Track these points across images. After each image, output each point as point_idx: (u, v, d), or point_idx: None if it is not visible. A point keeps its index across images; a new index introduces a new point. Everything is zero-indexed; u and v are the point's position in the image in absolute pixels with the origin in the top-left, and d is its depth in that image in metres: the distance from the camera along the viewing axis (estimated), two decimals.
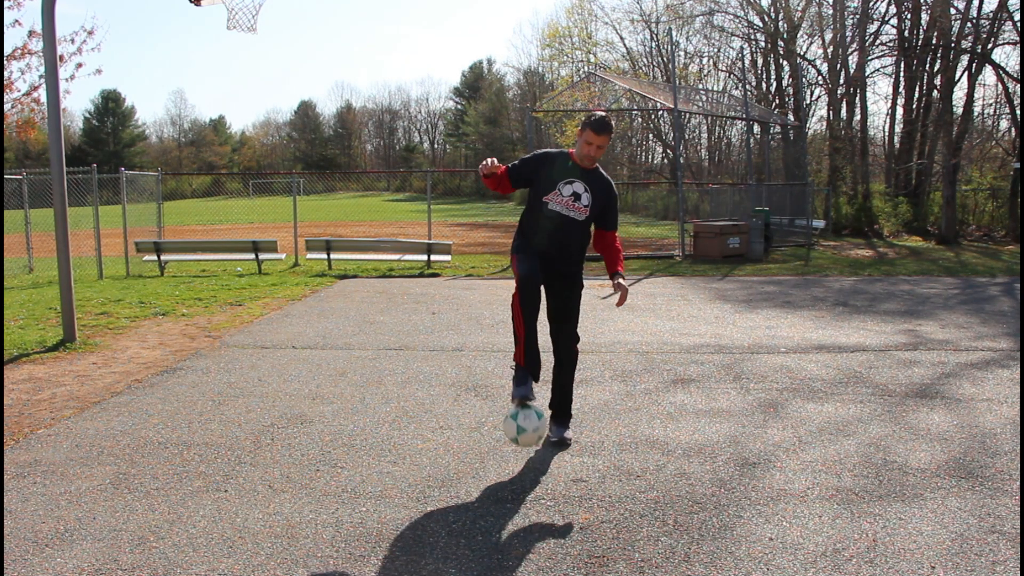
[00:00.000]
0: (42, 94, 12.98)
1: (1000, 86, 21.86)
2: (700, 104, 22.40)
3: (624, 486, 3.59)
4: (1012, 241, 18.48)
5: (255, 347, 6.80)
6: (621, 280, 4.02)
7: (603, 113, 3.99)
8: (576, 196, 3.97)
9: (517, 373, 3.92)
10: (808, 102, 26.89)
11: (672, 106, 16.57)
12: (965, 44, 19.97)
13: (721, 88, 31.10)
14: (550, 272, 4.03)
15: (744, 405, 4.88)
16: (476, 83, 75.65)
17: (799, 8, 25.38)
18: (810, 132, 26.14)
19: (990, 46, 20.43)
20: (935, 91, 21.69)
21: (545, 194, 3.98)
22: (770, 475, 3.71)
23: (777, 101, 27.48)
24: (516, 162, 4.06)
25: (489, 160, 3.88)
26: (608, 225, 4.11)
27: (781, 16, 25.90)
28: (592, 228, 4.15)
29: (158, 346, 6.91)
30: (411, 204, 51.25)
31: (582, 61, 37.23)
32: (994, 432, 4.31)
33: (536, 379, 3.95)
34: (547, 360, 4.20)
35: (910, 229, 21.14)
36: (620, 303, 3.98)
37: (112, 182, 15.38)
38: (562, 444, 4.17)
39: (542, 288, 3.97)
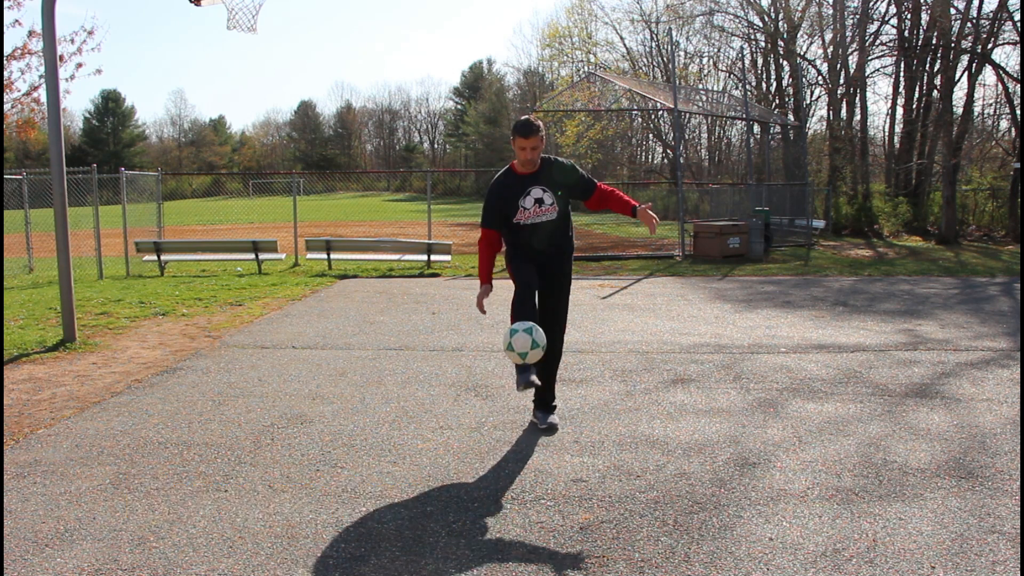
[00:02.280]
0: (42, 94, 12.98)
1: (1000, 86, 21.86)
2: (700, 104, 22.39)
3: (624, 486, 3.59)
4: (1012, 241, 18.47)
5: (255, 347, 6.80)
6: (644, 207, 4.15)
7: (527, 117, 4.07)
8: (539, 201, 4.12)
9: (519, 368, 4.09)
10: (808, 102, 26.89)
11: (672, 106, 16.57)
12: (965, 44, 19.96)
13: (721, 88, 31.10)
14: (545, 276, 4.25)
15: (744, 405, 4.88)
16: (476, 83, 75.66)
17: (799, 8, 25.39)
18: (810, 132, 26.15)
19: (990, 46, 20.42)
20: (935, 91, 21.68)
21: (514, 217, 4.15)
22: (770, 475, 3.71)
23: (777, 101, 27.48)
24: (486, 216, 4.17)
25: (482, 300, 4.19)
26: (589, 191, 4.22)
27: (781, 16, 25.90)
28: (569, 211, 4.30)
29: (158, 346, 6.91)
30: (411, 204, 51.26)
31: (582, 61, 37.24)
32: (994, 432, 4.31)
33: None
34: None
35: (910, 229, 21.14)
36: (653, 229, 4.17)
37: (112, 182, 15.39)
38: (551, 430, 4.29)
39: (536, 294, 4.19)
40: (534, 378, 3.95)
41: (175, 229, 23.77)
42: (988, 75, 23.78)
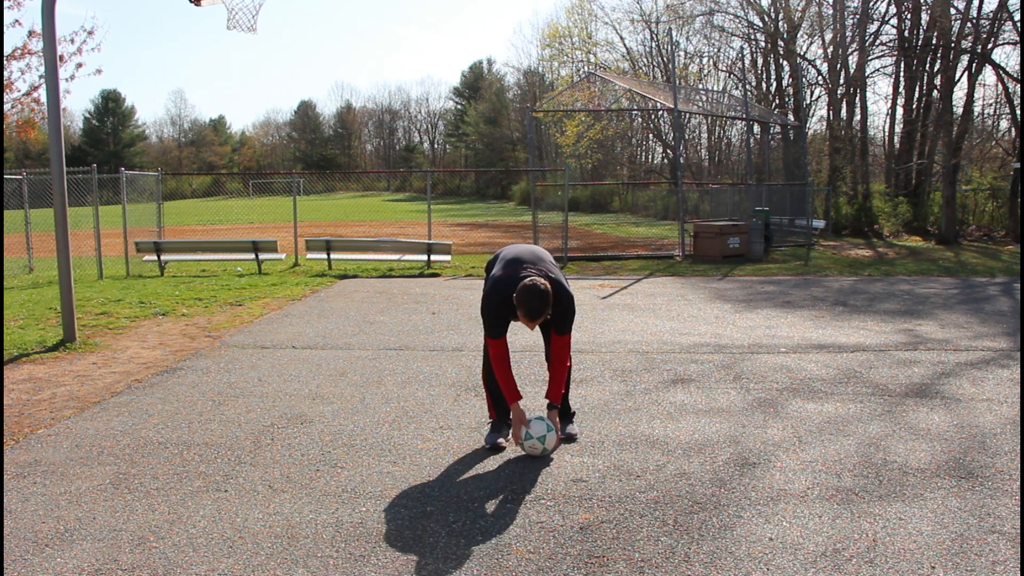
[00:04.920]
0: (42, 94, 12.99)
1: (1000, 86, 21.85)
2: (700, 104, 22.40)
3: (624, 486, 3.59)
4: (1012, 241, 18.47)
5: (255, 347, 6.80)
6: (553, 415, 3.97)
7: (541, 288, 3.67)
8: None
9: (492, 425, 4.19)
10: (808, 102, 26.89)
11: (672, 106, 16.57)
12: (965, 44, 19.95)
13: (721, 88, 31.12)
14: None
15: (744, 405, 4.88)
16: (476, 83, 75.63)
17: (799, 8, 25.39)
18: (810, 132, 26.14)
19: (990, 46, 20.41)
20: (935, 91, 21.67)
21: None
22: (770, 475, 3.71)
23: (777, 101, 27.48)
24: (492, 327, 3.92)
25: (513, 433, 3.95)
26: (558, 328, 3.93)
27: (781, 16, 25.90)
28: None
29: (158, 346, 6.91)
30: (411, 204, 51.27)
31: (582, 61, 37.29)
32: (994, 432, 4.31)
33: (509, 424, 4.15)
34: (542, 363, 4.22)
35: (910, 229, 21.13)
36: (554, 443, 3.95)
37: (112, 182, 15.38)
38: (570, 439, 4.21)
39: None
40: (501, 441, 4.11)
41: (175, 229, 23.78)
42: (988, 75, 23.82)
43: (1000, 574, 2.79)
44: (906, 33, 22.74)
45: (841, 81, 24.13)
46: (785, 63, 26.78)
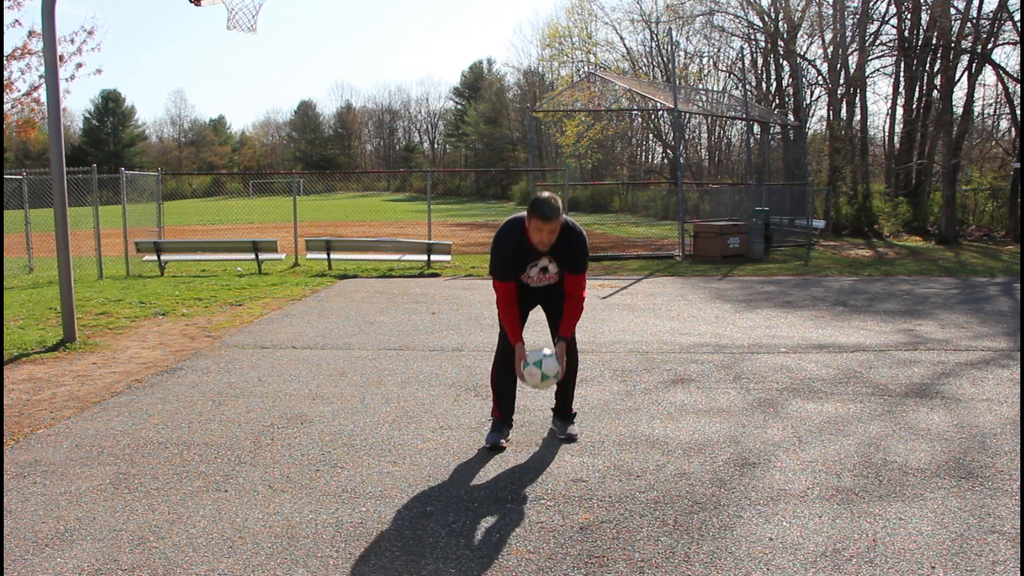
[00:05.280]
0: (42, 94, 12.99)
1: (1000, 86, 21.84)
2: (700, 104, 22.39)
3: (624, 486, 3.59)
4: (1012, 241, 18.46)
5: (255, 347, 6.80)
6: (562, 347, 4.03)
7: (547, 195, 3.77)
8: (544, 270, 4.02)
9: (494, 424, 4.23)
10: (808, 102, 26.88)
11: (672, 106, 16.57)
12: (965, 44, 19.95)
13: (721, 88, 31.11)
14: (550, 300, 4.19)
15: (744, 405, 4.88)
16: (476, 83, 75.63)
17: (799, 8, 25.39)
18: (810, 132, 26.14)
19: (990, 46, 20.41)
20: (935, 91, 21.67)
21: (520, 274, 4.02)
22: (770, 475, 3.71)
23: (777, 101, 27.47)
24: (500, 269, 3.97)
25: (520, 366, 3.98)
26: (573, 269, 4.00)
27: (781, 16, 25.90)
28: None
29: (158, 346, 6.91)
30: (411, 204, 51.26)
31: (582, 61, 37.30)
32: (994, 432, 4.31)
33: (510, 424, 4.27)
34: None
35: (910, 229, 21.12)
36: (554, 369, 3.96)
37: (112, 182, 15.39)
38: (571, 440, 4.23)
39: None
40: (502, 441, 4.14)
41: (175, 229, 23.78)
42: (988, 75, 23.81)
43: (1000, 574, 2.79)
44: (906, 33, 22.74)
45: (841, 81, 24.13)
46: (785, 63, 26.78)
